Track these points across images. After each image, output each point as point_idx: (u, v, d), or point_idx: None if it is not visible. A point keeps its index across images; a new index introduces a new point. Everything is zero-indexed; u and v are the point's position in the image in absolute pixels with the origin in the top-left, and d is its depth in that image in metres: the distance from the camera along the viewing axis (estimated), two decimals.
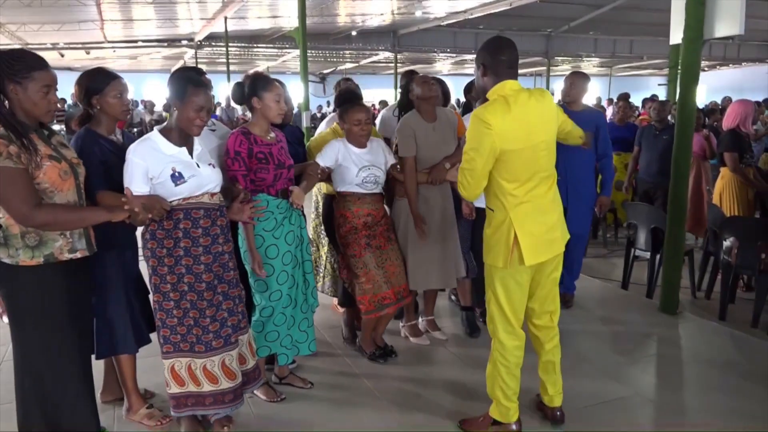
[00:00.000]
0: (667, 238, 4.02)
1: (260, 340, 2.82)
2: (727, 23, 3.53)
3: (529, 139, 2.31)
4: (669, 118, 5.61)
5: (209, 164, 2.44)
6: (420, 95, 3.30)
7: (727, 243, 4.25)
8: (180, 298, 2.38)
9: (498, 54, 2.36)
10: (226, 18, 14.83)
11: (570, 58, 21.19)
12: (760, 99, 13.47)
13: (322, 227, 3.68)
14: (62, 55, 20.10)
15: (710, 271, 4.70)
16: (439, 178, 3.26)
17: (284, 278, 2.79)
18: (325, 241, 3.72)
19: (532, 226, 2.36)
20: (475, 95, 3.73)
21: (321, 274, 3.81)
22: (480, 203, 3.62)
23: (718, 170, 5.02)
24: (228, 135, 2.74)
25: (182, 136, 2.37)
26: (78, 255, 2.16)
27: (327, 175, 3.18)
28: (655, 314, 4.08)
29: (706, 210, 5.38)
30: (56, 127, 9.30)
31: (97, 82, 2.47)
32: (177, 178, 2.30)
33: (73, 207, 2.14)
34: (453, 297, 4.17)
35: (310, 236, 3.68)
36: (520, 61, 2.51)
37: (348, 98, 3.24)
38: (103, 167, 2.40)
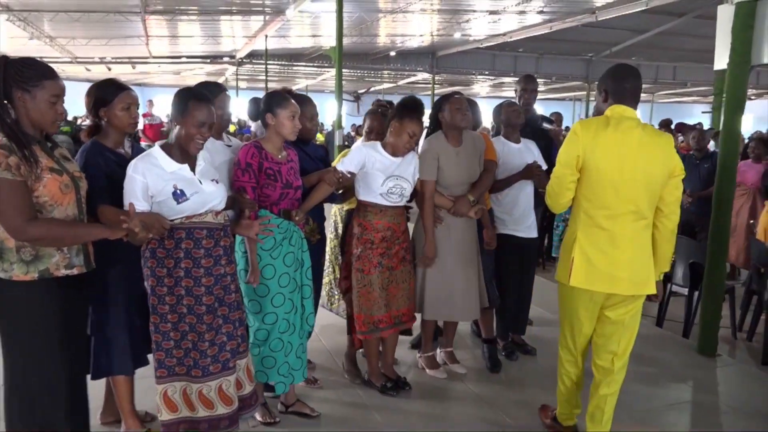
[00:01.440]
0: (706, 275, 3.75)
1: (257, 365, 2.71)
2: None
3: (620, 165, 2.26)
4: (709, 146, 5.37)
5: (213, 180, 2.36)
6: (449, 122, 3.16)
7: None
8: (178, 321, 2.28)
9: (622, 82, 2.35)
10: (266, 36, 15.09)
11: None
12: None
13: (339, 249, 3.56)
14: (109, 69, 20.85)
15: (753, 310, 4.39)
16: (462, 212, 3.10)
17: (280, 300, 2.68)
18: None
19: (594, 254, 2.31)
20: (504, 119, 3.57)
21: (336, 296, 3.68)
22: (505, 229, 3.51)
23: (763, 203, 4.73)
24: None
25: (184, 152, 2.29)
26: (74, 271, 2.08)
27: (348, 184, 2.98)
28: (691, 356, 3.79)
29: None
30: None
31: (106, 94, 2.42)
32: (179, 195, 2.22)
33: (69, 222, 2.07)
34: (474, 327, 3.98)
35: (328, 257, 3.55)
36: (558, 85, 2.54)
37: (412, 107, 3.04)
38: (107, 181, 2.33)
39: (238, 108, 15.55)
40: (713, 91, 11.54)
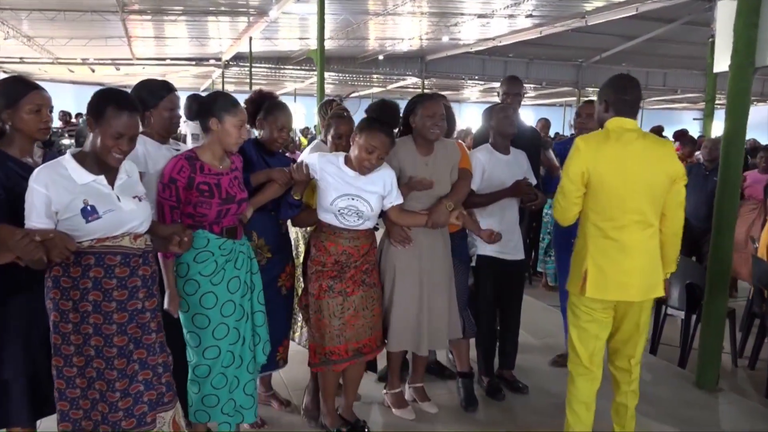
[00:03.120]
0: (707, 301, 3.38)
1: (197, 404, 2.36)
2: None
3: (624, 177, 2.32)
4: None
5: (135, 197, 1.99)
6: (420, 129, 2.75)
7: None
8: (85, 365, 1.90)
9: (622, 93, 2.40)
10: (251, 38, 14.82)
11: None
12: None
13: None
14: (93, 71, 20.41)
15: (755, 334, 4.05)
16: (440, 222, 2.66)
17: (223, 332, 2.33)
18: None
19: (606, 263, 2.37)
20: (494, 125, 3.17)
21: (299, 323, 3.30)
22: (487, 251, 3.15)
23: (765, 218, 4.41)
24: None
25: (102, 162, 1.92)
26: None
27: (301, 180, 2.56)
28: (689, 390, 3.43)
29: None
30: (66, 141, 9.23)
31: (10, 93, 2.05)
32: (89, 213, 1.85)
33: None
34: (451, 355, 3.59)
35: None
36: (549, 91, 2.36)
37: (375, 117, 2.70)
38: (6, 195, 1.96)
39: None
40: (705, 97, 11.40)
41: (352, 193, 2.55)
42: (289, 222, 2.85)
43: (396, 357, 2.97)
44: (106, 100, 1.89)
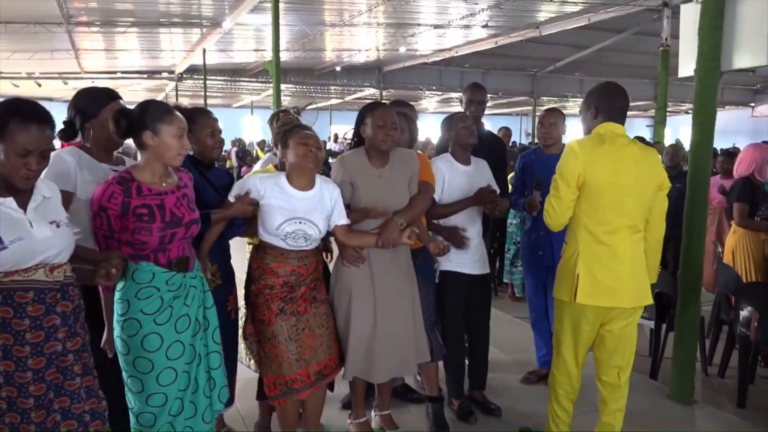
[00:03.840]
0: (679, 312, 3.28)
1: None
2: (749, 53, 2.91)
3: (617, 181, 2.33)
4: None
5: (52, 223, 1.73)
6: (371, 140, 2.55)
7: (744, 313, 3.57)
8: None
9: (613, 100, 2.42)
10: (204, 50, 14.46)
11: (556, 99, 21.03)
12: (744, 143, 13.11)
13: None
14: (39, 85, 19.54)
15: (724, 341, 4.00)
16: (391, 240, 2.46)
17: (170, 377, 2.06)
18: None
19: (597, 269, 2.36)
20: (453, 135, 3.03)
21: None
22: (450, 265, 2.99)
23: (729, 223, 4.39)
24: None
25: (9, 183, 1.67)
26: None
27: (249, 214, 2.41)
28: (664, 403, 3.32)
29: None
30: None
31: None
32: None
33: None
34: (419, 377, 3.38)
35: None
36: (505, 100, 2.24)
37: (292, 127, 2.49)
38: None
39: None
40: (657, 104, 11.68)
41: (300, 216, 2.36)
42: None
43: (359, 384, 2.76)
44: (8, 112, 1.64)
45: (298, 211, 2.35)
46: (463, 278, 2.98)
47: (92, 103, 2.22)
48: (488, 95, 3.64)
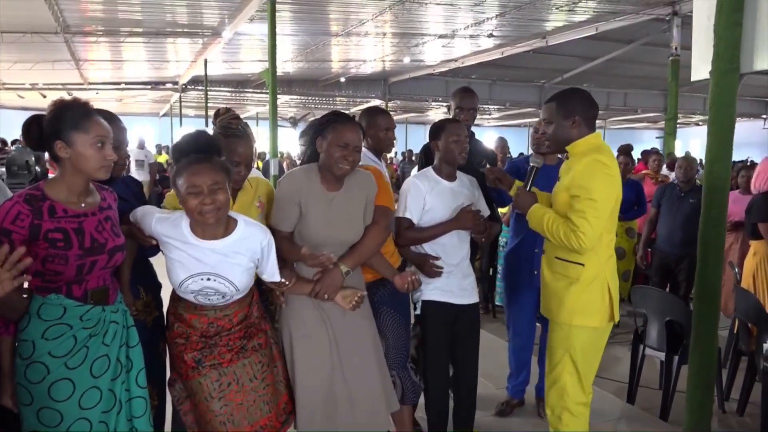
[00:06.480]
0: (694, 345, 2.85)
1: None
2: None
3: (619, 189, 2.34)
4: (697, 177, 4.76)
5: None
6: (326, 160, 2.17)
7: (767, 345, 3.22)
8: None
9: (593, 109, 2.38)
10: (206, 61, 14.36)
11: None
12: (758, 155, 12.73)
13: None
14: (44, 96, 19.48)
15: (743, 374, 3.61)
16: (329, 292, 2.13)
17: (83, 429, 1.75)
18: None
19: (616, 281, 2.36)
20: (442, 147, 2.65)
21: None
22: (433, 294, 2.64)
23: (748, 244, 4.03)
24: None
25: None
26: None
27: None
28: None
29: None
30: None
31: None
32: None
33: None
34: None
35: None
36: (512, 111, 1.98)
37: (202, 148, 1.91)
38: None
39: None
40: (666, 116, 11.35)
41: (206, 272, 1.92)
42: None
43: None
44: None
45: (205, 266, 1.91)
46: (448, 309, 2.62)
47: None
48: (495, 106, 3.30)
